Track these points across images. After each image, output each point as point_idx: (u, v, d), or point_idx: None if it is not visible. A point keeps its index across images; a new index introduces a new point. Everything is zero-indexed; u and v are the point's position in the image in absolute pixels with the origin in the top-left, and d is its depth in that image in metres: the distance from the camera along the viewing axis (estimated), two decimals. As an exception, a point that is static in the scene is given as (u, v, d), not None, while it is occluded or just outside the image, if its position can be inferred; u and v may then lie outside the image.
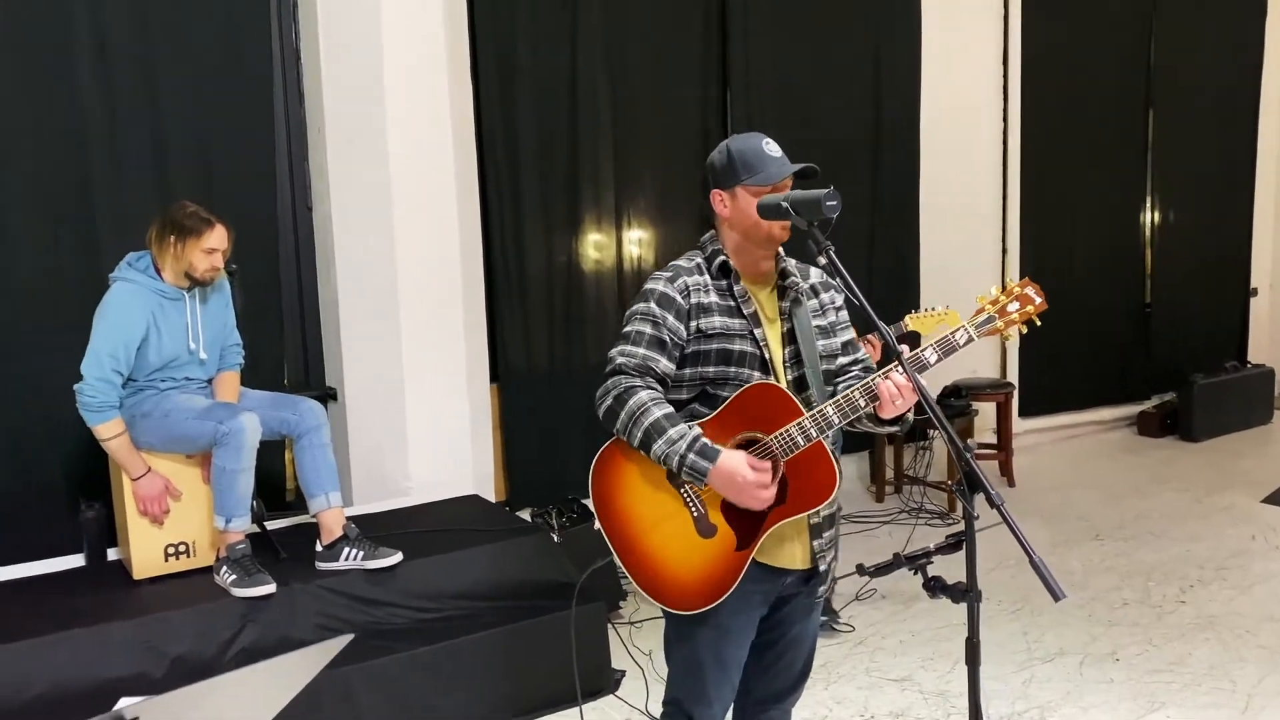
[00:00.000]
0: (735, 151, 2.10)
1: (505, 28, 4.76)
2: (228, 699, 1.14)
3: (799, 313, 2.12)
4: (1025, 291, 2.11)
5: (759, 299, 2.13)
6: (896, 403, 2.00)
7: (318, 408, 3.37)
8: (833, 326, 2.20)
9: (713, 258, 2.13)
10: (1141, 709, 3.28)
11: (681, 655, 2.22)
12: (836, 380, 2.17)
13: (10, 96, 3.70)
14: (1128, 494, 5.72)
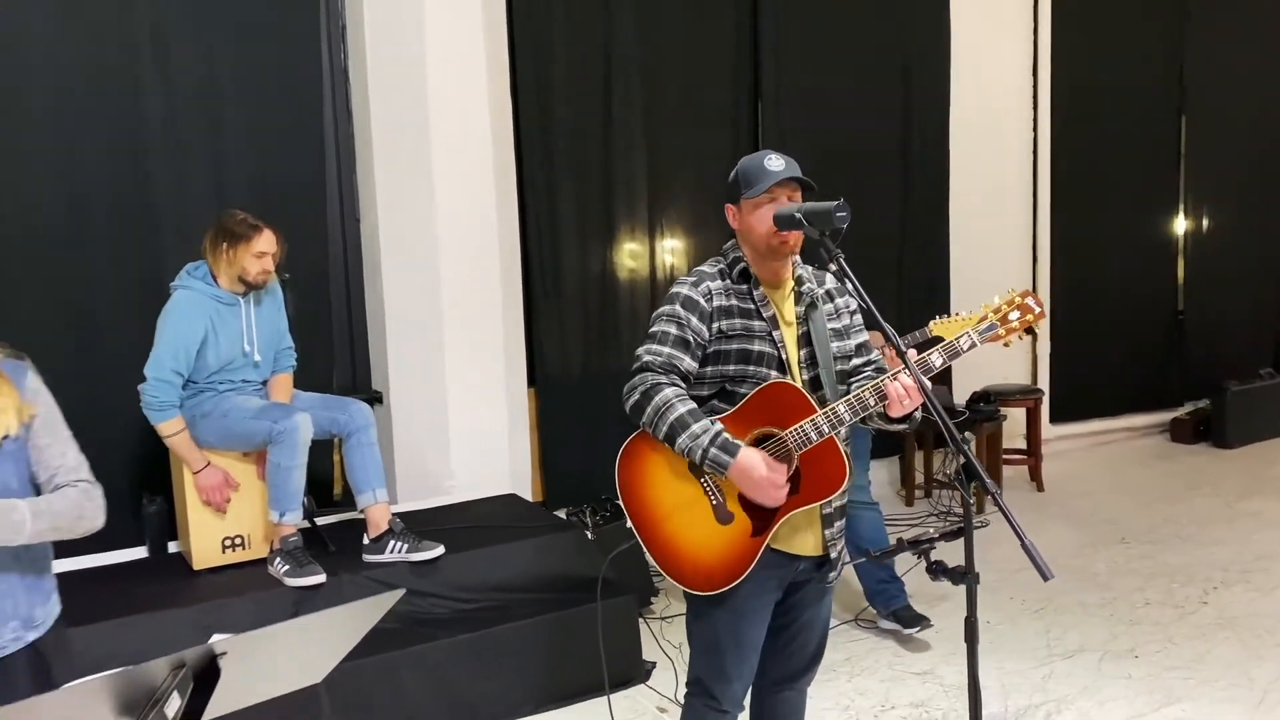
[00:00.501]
0: (741, 169, 2.27)
1: (543, 46, 4.95)
2: (298, 641, 1.31)
3: (814, 317, 2.27)
4: (1025, 301, 2.25)
5: (776, 302, 2.27)
6: (904, 402, 2.14)
7: (366, 409, 3.57)
8: (847, 330, 2.34)
9: (734, 264, 2.28)
10: (1157, 703, 3.37)
11: (702, 636, 2.36)
12: (850, 380, 2.31)
13: (85, 122, 3.96)
14: (1157, 499, 5.77)
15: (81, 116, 3.97)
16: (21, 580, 1.86)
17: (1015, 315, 2.25)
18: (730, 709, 2.38)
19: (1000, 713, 3.34)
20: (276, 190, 4.33)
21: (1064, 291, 6.88)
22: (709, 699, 2.37)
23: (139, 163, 4.10)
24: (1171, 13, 7.14)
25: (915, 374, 2.08)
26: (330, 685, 3.03)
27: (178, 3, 4.13)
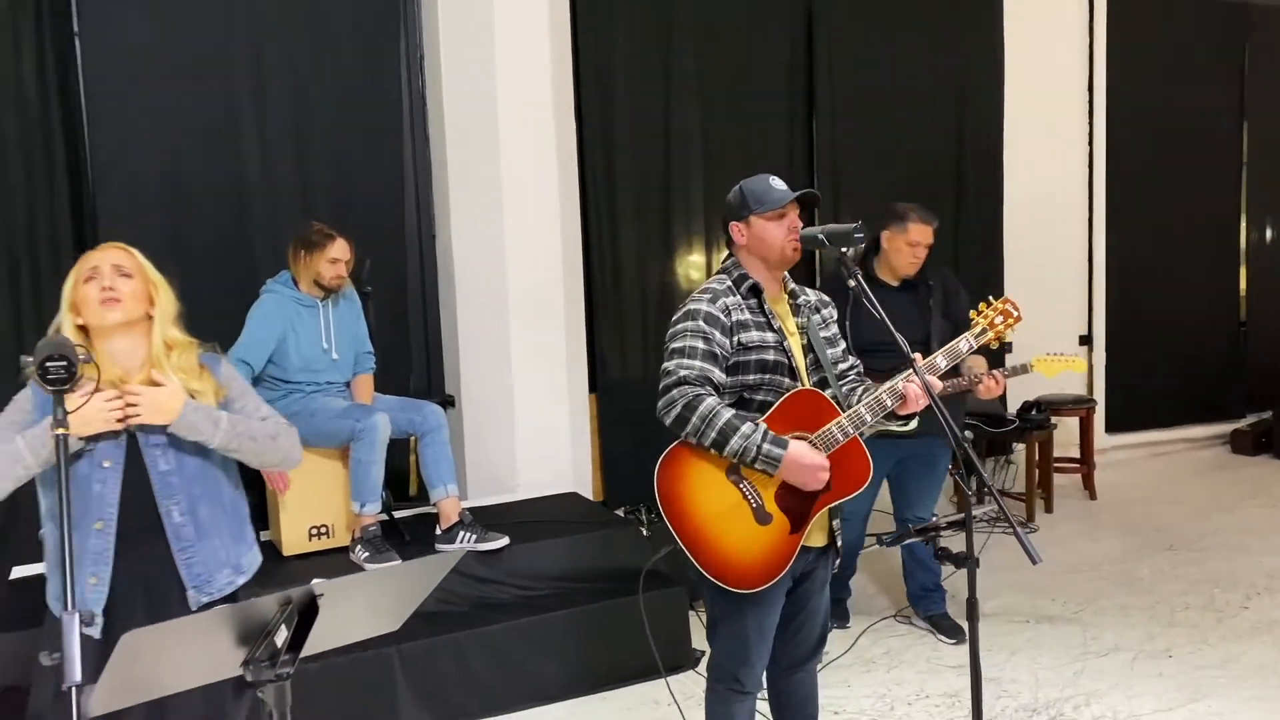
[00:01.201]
0: (747, 189, 2.50)
1: (606, 70, 5.26)
2: (382, 588, 1.60)
3: (812, 326, 2.51)
4: (1005, 307, 2.50)
5: (779, 314, 2.51)
6: (920, 403, 2.36)
7: (439, 411, 3.90)
8: (834, 338, 2.59)
9: (740, 281, 2.50)
10: (1185, 699, 3.50)
11: (729, 628, 2.56)
12: (839, 383, 2.53)
13: (187, 147, 4.39)
14: (1210, 509, 5.83)
15: (184, 141, 4.41)
16: (230, 530, 2.18)
17: (1000, 320, 2.48)
18: (752, 690, 2.61)
19: (1030, 703, 3.50)
20: (360, 210, 4.71)
21: (1120, 303, 6.95)
22: (733, 683, 2.59)
23: (235, 185, 4.52)
24: (1232, 22, 7.17)
25: (921, 376, 2.30)
26: (404, 660, 3.38)
27: (273, 35, 4.56)
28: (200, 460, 2.05)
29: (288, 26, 4.60)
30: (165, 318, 2.09)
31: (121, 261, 2.05)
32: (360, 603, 1.54)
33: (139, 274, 2.07)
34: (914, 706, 3.52)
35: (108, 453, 1.98)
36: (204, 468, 2.07)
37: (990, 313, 2.51)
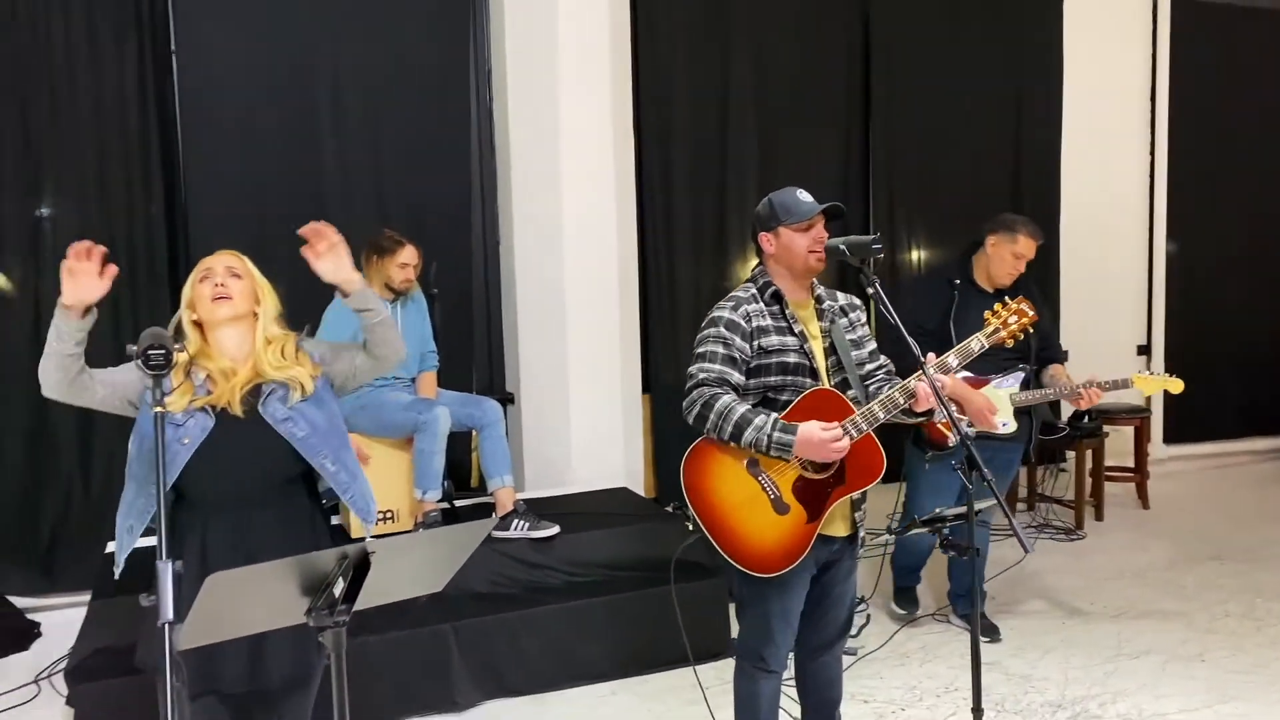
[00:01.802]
0: (776, 202, 2.68)
1: (664, 82, 5.50)
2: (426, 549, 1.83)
3: (835, 330, 2.68)
4: (1020, 307, 2.64)
5: (803, 320, 2.69)
6: (931, 399, 2.52)
7: (497, 406, 4.16)
8: (861, 340, 2.75)
9: (764, 288, 2.70)
10: (1212, 700, 3.57)
11: (755, 610, 2.75)
12: (866, 381, 2.70)
13: (274, 160, 4.77)
14: (1263, 521, 5.82)
15: (267, 152, 4.78)
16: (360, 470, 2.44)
17: (1014, 320, 2.62)
18: (776, 669, 2.79)
19: (1056, 699, 3.61)
20: (429, 216, 5.03)
21: (1181, 313, 6.94)
22: (759, 661, 2.78)
23: (314, 192, 4.87)
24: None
25: (929, 376, 2.46)
26: (460, 637, 3.63)
27: (350, 52, 4.90)
28: (325, 417, 2.30)
29: (364, 44, 4.93)
30: (268, 316, 2.35)
31: (233, 264, 2.33)
32: (407, 562, 1.77)
33: (248, 276, 2.34)
34: (942, 699, 3.66)
35: (190, 432, 2.21)
36: (331, 422, 2.32)
37: (1004, 312, 2.65)
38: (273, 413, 2.26)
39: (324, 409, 2.34)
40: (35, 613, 4.51)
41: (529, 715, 3.62)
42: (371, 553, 1.66)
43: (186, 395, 2.24)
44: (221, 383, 2.27)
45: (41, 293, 4.52)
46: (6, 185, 4.48)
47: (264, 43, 4.77)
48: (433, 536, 1.83)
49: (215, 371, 2.27)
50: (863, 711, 3.53)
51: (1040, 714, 3.51)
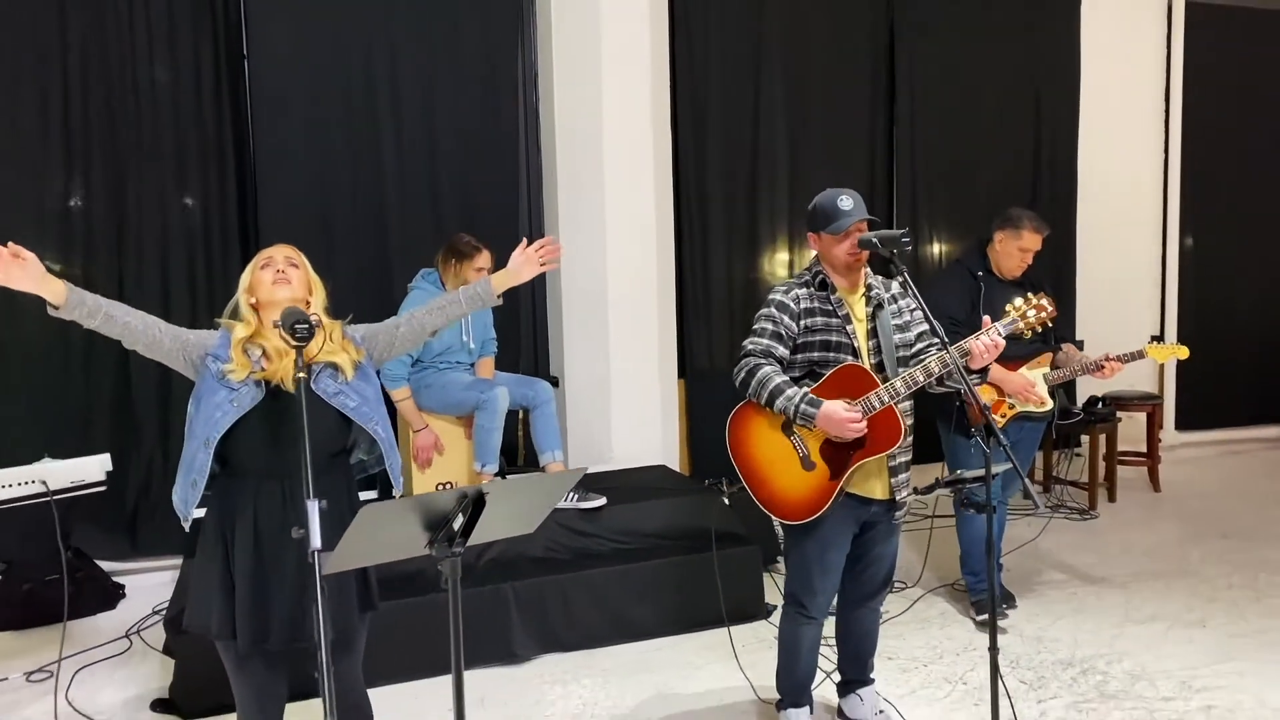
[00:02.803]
0: (819, 207, 3.00)
1: (700, 81, 5.81)
2: (525, 493, 2.15)
3: (880, 316, 3.00)
4: (1041, 302, 2.92)
5: (850, 304, 3.01)
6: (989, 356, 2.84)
7: (548, 386, 4.50)
8: (908, 324, 3.06)
9: (815, 276, 3.02)
10: (1211, 659, 3.87)
11: (796, 560, 3.11)
12: (914, 360, 3.01)
13: (338, 158, 5.13)
14: (1270, 504, 6.08)
15: (331, 150, 5.14)
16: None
17: (1033, 314, 2.92)
18: (816, 616, 3.12)
19: (1067, 658, 3.92)
20: (479, 211, 5.36)
21: (1195, 304, 7.20)
22: (800, 608, 3.12)
23: (375, 187, 5.22)
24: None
25: (954, 358, 2.77)
26: (517, 596, 3.97)
27: (408, 56, 5.26)
28: (372, 391, 2.56)
29: (420, 48, 5.27)
30: (318, 305, 2.59)
31: (291, 256, 2.58)
32: (509, 505, 2.09)
33: (304, 268, 2.59)
34: (960, 657, 3.97)
35: (241, 398, 2.39)
36: (376, 395, 2.57)
37: (1024, 305, 2.96)
38: (324, 388, 2.46)
39: (370, 384, 2.58)
40: (120, 576, 4.88)
41: (579, 667, 3.96)
42: (486, 494, 1.99)
43: (245, 369, 2.42)
44: (276, 360, 2.44)
45: (124, 274, 4.89)
46: (94, 178, 4.85)
47: (328, 48, 5.12)
48: (529, 482, 2.13)
49: (270, 350, 2.46)
50: (888, 666, 3.85)
51: (1052, 670, 3.81)
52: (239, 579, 2.40)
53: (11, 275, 2.32)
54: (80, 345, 4.81)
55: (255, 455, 2.41)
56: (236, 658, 2.44)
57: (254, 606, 2.38)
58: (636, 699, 3.67)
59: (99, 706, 3.68)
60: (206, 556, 2.45)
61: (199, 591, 2.47)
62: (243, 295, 2.56)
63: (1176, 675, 3.74)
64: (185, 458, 2.43)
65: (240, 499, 2.42)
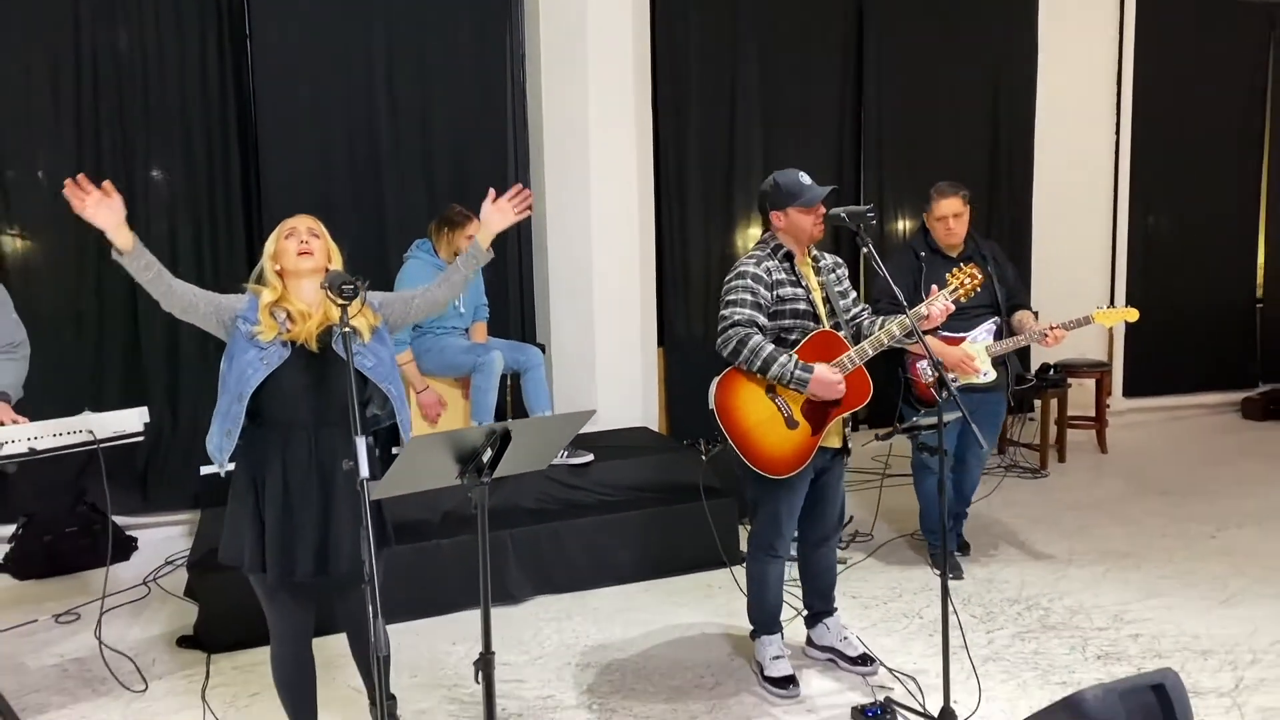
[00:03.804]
0: (783, 184, 3.31)
1: (679, 65, 6.13)
2: (541, 431, 2.46)
3: (829, 283, 3.35)
4: (972, 271, 3.29)
5: (805, 274, 3.35)
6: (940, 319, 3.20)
7: (538, 351, 4.82)
8: (845, 292, 3.43)
9: (777, 249, 3.34)
10: (1141, 596, 4.28)
11: (767, 508, 3.43)
12: (852, 322, 3.37)
13: (337, 133, 5.40)
14: (1210, 463, 6.54)
15: (331, 126, 5.40)
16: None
17: (968, 281, 3.29)
18: (783, 554, 3.48)
19: (1015, 596, 4.32)
20: (469, 185, 5.64)
21: (1142, 279, 7.63)
22: (770, 549, 3.47)
23: (372, 162, 5.50)
24: (1258, 19, 7.76)
25: (914, 322, 3.12)
26: (515, 542, 4.31)
27: (403, 38, 5.52)
28: (387, 353, 2.80)
29: (415, 31, 5.54)
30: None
31: (313, 226, 2.80)
32: (527, 442, 2.41)
33: (324, 237, 2.81)
34: (918, 596, 4.36)
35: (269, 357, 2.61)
36: (390, 358, 2.82)
37: (961, 275, 3.32)
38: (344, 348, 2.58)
39: (385, 347, 2.83)
40: (132, 529, 5.16)
41: (570, 607, 4.31)
42: (510, 431, 2.31)
43: (272, 330, 2.63)
44: (300, 322, 2.66)
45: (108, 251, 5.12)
46: (104, 151, 5.09)
47: (328, 30, 5.37)
48: (545, 421, 2.44)
49: (295, 313, 2.69)
50: (851, 604, 4.23)
51: (1000, 606, 4.21)
52: (269, 518, 2.65)
53: (99, 213, 2.57)
54: (91, 312, 5.07)
55: (283, 408, 2.64)
56: (267, 589, 2.72)
57: (282, 543, 2.64)
58: (624, 634, 4.02)
59: (129, 644, 3.98)
60: (238, 498, 2.71)
61: (232, 529, 2.72)
62: (268, 262, 2.77)
63: (1110, 610, 4.15)
64: (220, 410, 2.67)
65: (270, 447, 2.66)
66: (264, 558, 2.67)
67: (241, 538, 2.68)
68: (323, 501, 2.64)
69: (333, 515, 2.65)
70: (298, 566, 2.66)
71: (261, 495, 2.68)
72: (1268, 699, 3.34)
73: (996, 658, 3.69)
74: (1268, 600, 4.21)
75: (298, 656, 2.82)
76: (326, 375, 2.67)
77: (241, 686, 3.62)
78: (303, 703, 2.87)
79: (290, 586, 2.72)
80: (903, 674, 3.57)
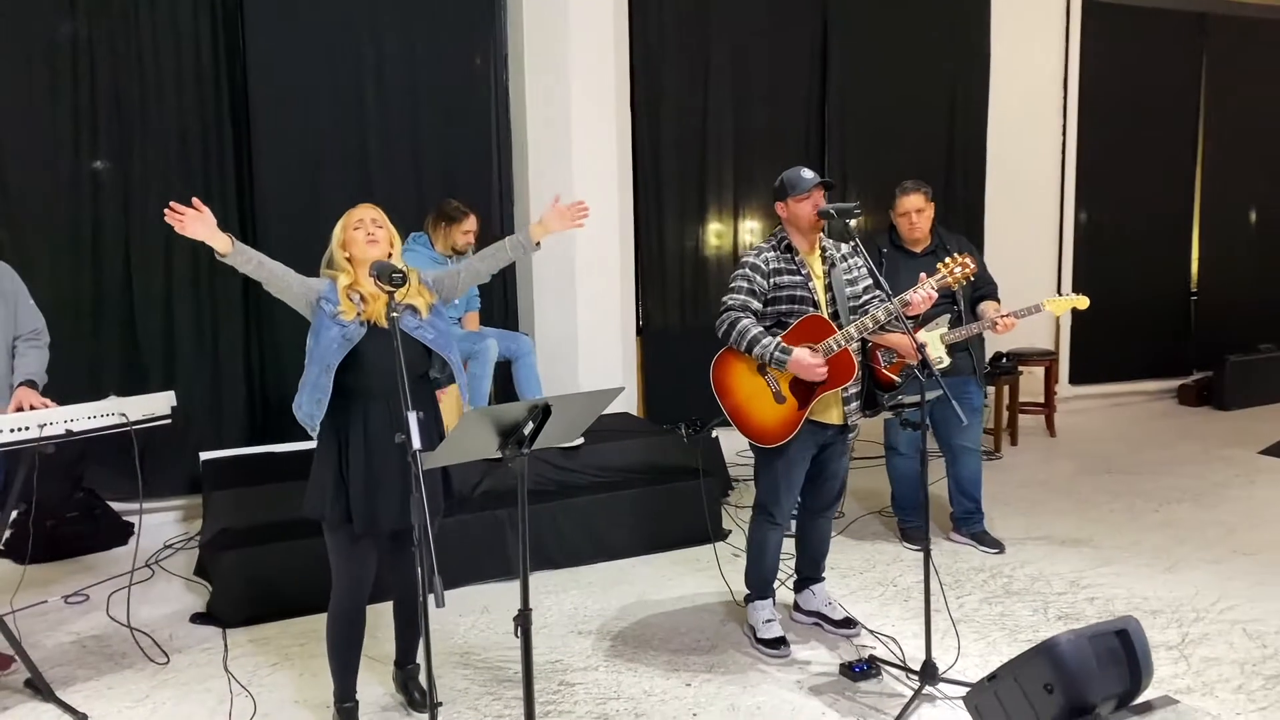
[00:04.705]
0: (786, 179, 3.61)
1: (655, 71, 6.37)
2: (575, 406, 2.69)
3: (834, 273, 3.63)
4: (964, 259, 3.58)
5: (810, 264, 3.63)
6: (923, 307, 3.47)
7: (529, 340, 5.05)
8: (856, 280, 3.70)
9: (781, 241, 3.63)
10: (1094, 565, 4.64)
11: (766, 477, 3.72)
12: (860, 308, 3.65)
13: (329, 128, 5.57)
14: (1150, 445, 6.98)
15: (323, 122, 5.56)
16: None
17: (959, 270, 3.58)
18: (781, 523, 3.76)
19: (980, 565, 4.65)
20: (455, 178, 5.85)
21: (1087, 274, 8.05)
22: (769, 516, 3.75)
23: (361, 157, 5.67)
24: (1192, 29, 8.25)
25: (896, 308, 3.41)
26: (513, 521, 4.52)
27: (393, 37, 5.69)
28: (444, 326, 3.10)
29: (403, 28, 5.71)
30: (397, 257, 3.14)
31: (376, 217, 3.08)
32: (565, 415, 2.64)
33: (386, 227, 3.10)
34: (891, 566, 4.68)
35: (350, 334, 2.91)
36: (448, 330, 3.12)
37: (951, 263, 3.61)
38: (408, 324, 2.97)
39: (441, 320, 3.13)
40: (128, 515, 5.28)
41: (568, 581, 4.54)
42: (549, 405, 2.55)
43: (351, 311, 2.93)
44: (371, 303, 2.95)
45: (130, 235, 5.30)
46: (102, 149, 5.20)
47: (320, 28, 5.53)
48: (579, 397, 2.67)
49: (366, 294, 2.98)
50: (830, 575, 4.47)
51: (966, 575, 4.54)
52: (353, 477, 2.92)
53: (196, 229, 2.84)
54: (89, 303, 5.17)
55: (363, 378, 2.93)
56: (348, 540, 2.98)
57: (367, 498, 2.92)
58: (620, 604, 4.27)
59: (140, 622, 4.13)
60: (323, 460, 2.97)
61: (316, 487, 2.99)
62: (337, 250, 3.06)
63: (1067, 576, 4.50)
64: (308, 381, 2.95)
65: (352, 413, 2.94)
66: (346, 513, 2.94)
67: (325, 495, 2.95)
68: (402, 462, 2.87)
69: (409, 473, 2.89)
70: (382, 517, 2.95)
71: (345, 455, 2.95)
72: (1210, 650, 3.71)
73: (967, 620, 4.01)
74: (1206, 566, 4.60)
75: (354, 614, 3.08)
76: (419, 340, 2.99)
77: (261, 657, 3.79)
78: (352, 661, 3.12)
79: (366, 539, 2.99)
80: (883, 635, 3.87)
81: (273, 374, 5.58)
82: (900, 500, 5.03)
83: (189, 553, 4.94)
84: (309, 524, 4.25)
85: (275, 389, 5.57)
